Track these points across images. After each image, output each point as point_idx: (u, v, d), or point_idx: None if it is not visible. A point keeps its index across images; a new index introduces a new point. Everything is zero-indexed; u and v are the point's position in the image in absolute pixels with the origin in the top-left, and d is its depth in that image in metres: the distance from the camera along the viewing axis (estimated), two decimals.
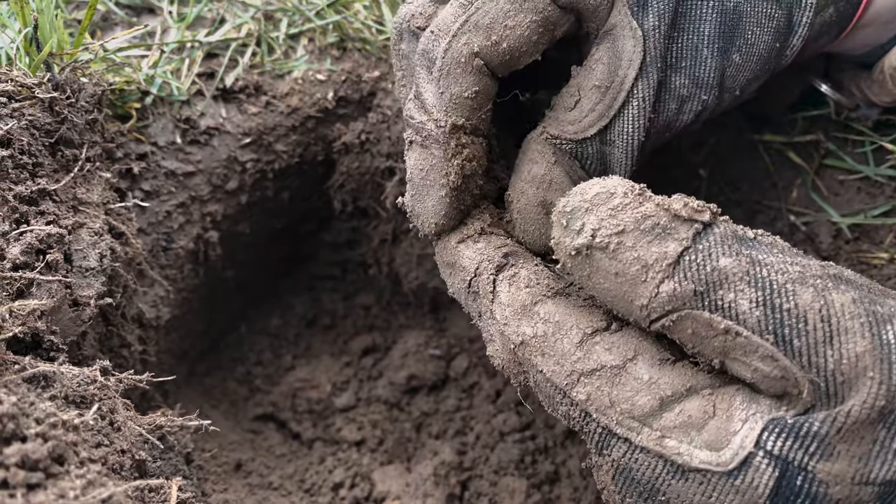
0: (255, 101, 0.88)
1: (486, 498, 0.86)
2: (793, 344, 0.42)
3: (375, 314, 1.07)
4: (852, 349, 0.41)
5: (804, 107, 0.79)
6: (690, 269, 0.44)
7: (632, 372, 0.48)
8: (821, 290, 0.42)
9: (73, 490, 0.41)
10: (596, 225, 0.46)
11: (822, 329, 0.42)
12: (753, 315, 0.43)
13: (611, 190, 0.47)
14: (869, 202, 0.78)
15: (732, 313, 0.43)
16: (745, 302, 0.43)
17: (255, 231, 0.96)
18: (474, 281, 0.56)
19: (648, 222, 0.45)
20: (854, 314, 0.42)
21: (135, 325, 0.77)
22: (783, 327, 0.42)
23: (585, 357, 0.49)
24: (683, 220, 0.44)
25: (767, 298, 0.42)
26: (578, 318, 0.50)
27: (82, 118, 0.71)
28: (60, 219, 0.64)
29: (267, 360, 1.03)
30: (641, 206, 0.46)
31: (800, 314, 0.42)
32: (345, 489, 0.87)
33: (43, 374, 0.50)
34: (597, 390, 0.48)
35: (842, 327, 0.42)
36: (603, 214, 0.46)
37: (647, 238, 0.45)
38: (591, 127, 0.56)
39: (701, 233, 0.44)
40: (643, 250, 0.45)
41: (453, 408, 0.95)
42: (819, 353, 0.42)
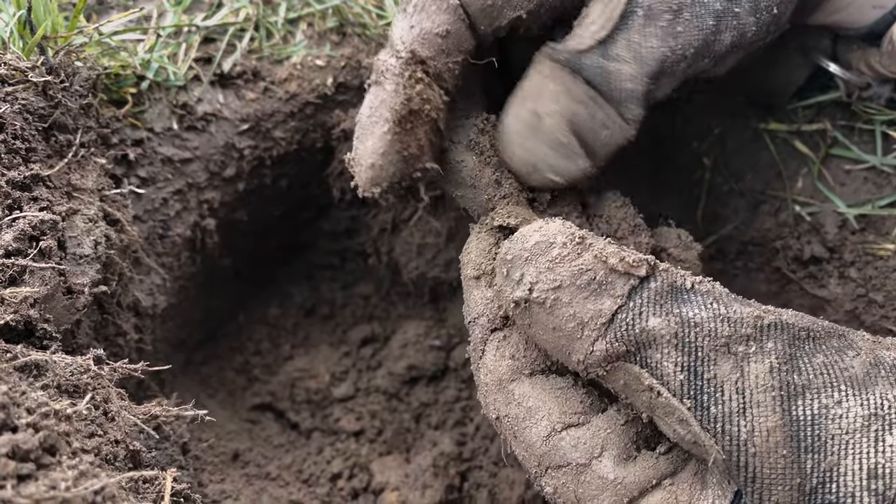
0: (253, 86, 0.86)
1: (485, 489, 0.85)
2: (710, 411, 0.43)
3: (375, 304, 1.06)
4: (763, 423, 0.42)
5: (811, 93, 0.78)
6: (622, 329, 0.45)
7: (597, 470, 0.48)
8: (741, 359, 0.43)
9: (64, 481, 0.40)
10: (534, 278, 0.47)
11: (736, 401, 0.43)
12: (677, 378, 0.44)
13: (550, 239, 0.47)
14: (876, 192, 0.77)
15: (658, 373, 0.44)
16: (669, 364, 0.44)
17: (252, 219, 0.94)
18: (471, 325, 0.56)
19: (585, 277, 0.46)
20: (767, 387, 0.43)
21: (130, 313, 0.76)
22: (702, 394, 0.43)
23: (551, 451, 0.50)
24: (619, 274, 0.45)
25: (691, 364, 0.44)
26: (551, 407, 0.50)
27: (76, 103, 0.70)
28: (54, 205, 0.63)
29: (265, 350, 1.02)
30: (579, 259, 0.46)
31: (717, 384, 0.43)
32: (343, 480, 0.86)
33: (35, 363, 0.49)
34: (562, 486, 0.49)
35: (754, 400, 0.43)
36: (541, 267, 0.47)
37: (584, 294, 0.46)
38: (590, 38, 0.54)
39: (636, 288, 0.45)
40: (579, 307, 0.46)
41: (453, 398, 0.95)
42: (733, 423, 0.43)
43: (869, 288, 0.75)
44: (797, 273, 0.80)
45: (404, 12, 0.54)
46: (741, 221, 0.84)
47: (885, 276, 0.75)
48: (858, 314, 0.76)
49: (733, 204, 0.85)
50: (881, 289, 0.75)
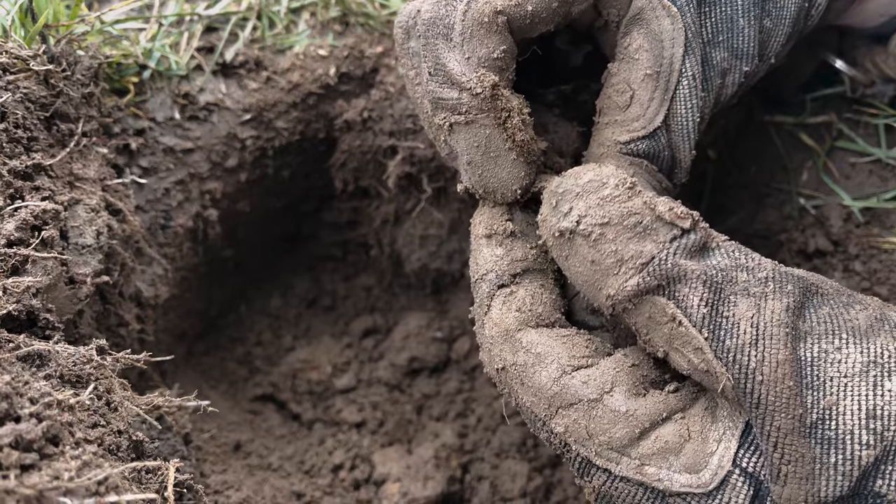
0: (255, 76, 0.86)
1: (487, 481, 0.85)
2: (724, 343, 0.45)
3: (377, 295, 1.05)
4: (774, 355, 0.44)
5: (817, 86, 0.78)
6: (658, 268, 0.46)
7: (608, 404, 0.49)
8: (759, 298, 0.46)
9: (67, 471, 0.40)
10: (583, 211, 0.48)
11: (750, 333, 0.45)
12: (699, 312, 0.46)
13: (603, 179, 0.49)
14: (881, 185, 0.77)
15: (682, 306, 0.46)
16: (695, 298, 0.46)
17: (254, 210, 0.94)
18: (478, 283, 0.57)
19: (632, 219, 0.47)
20: (781, 323, 0.45)
21: (132, 303, 0.76)
22: (720, 329, 0.45)
23: (563, 391, 0.51)
24: (665, 222, 0.47)
25: (713, 301, 0.46)
26: (560, 351, 0.52)
27: (78, 92, 0.70)
28: (56, 194, 0.63)
29: (267, 341, 1.02)
30: (629, 202, 0.48)
31: (734, 320, 0.45)
32: (345, 471, 0.86)
33: (38, 353, 0.49)
34: (574, 423, 0.50)
35: (767, 333, 0.45)
36: (592, 202, 0.48)
37: (628, 234, 0.47)
38: (657, 115, 0.55)
39: (678, 237, 0.47)
40: (622, 245, 0.47)
41: (455, 390, 0.94)
42: (744, 353, 0.45)
43: (873, 281, 0.75)
44: (802, 266, 0.80)
45: (448, 42, 0.54)
46: (746, 214, 0.84)
47: (890, 270, 0.74)
48: None
49: (738, 196, 0.84)
50: (885, 282, 0.74)
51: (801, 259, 0.80)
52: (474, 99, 0.53)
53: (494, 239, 0.57)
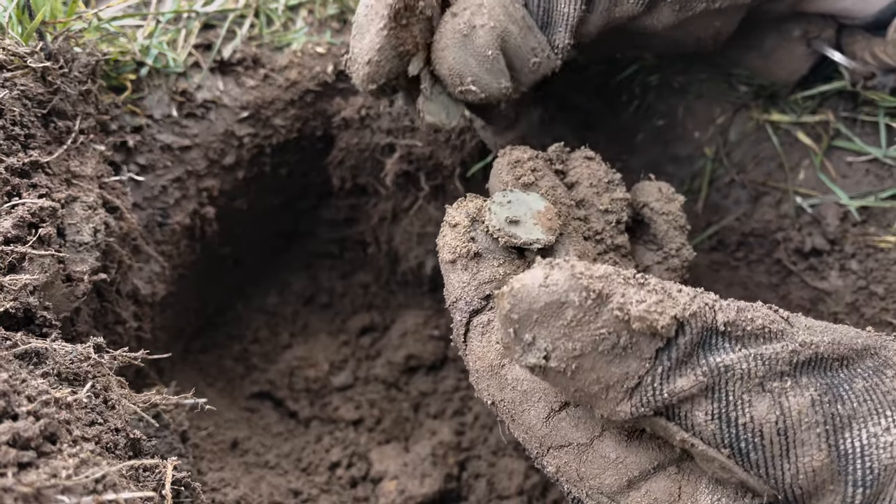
0: (252, 73, 0.86)
1: (484, 478, 0.85)
2: (749, 457, 0.41)
3: (374, 293, 1.05)
4: (809, 463, 0.40)
5: (815, 83, 0.78)
6: (648, 394, 0.41)
7: (598, 450, 0.47)
8: (778, 396, 0.40)
9: (65, 469, 0.40)
10: (550, 345, 0.42)
11: (778, 443, 0.40)
12: (709, 428, 0.41)
13: (561, 299, 0.41)
14: (877, 184, 0.77)
15: (688, 424, 0.42)
16: (700, 414, 0.41)
17: (252, 207, 0.94)
18: (451, 310, 0.55)
19: (607, 342, 0.41)
20: (811, 423, 0.40)
21: (130, 301, 0.75)
22: (739, 441, 0.41)
23: (552, 433, 0.48)
24: (644, 335, 0.41)
25: (723, 412, 0.41)
26: (546, 388, 0.49)
27: (76, 89, 0.70)
28: (53, 192, 0.62)
29: (264, 338, 1.02)
30: (598, 320, 0.41)
31: (755, 428, 0.41)
32: (342, 468, 0.86)
33: (35, 351, 0.49)
34: (565, 465, 0.48)
35: (798, 440, 0.40)
36: (556, 333, 0.41)
37: (607, 358, 0.41)
38: None
39: (662, 349, 0.41)
40: (602, 371, 0.42)
41: (452, 388, 0.95)
42: (776, 467, 0.41)
43: (870, 280, 0.75)
44: (798, 265, 0.80)
45: None
46: (742, 213, 0.84)
47: (886, 269, 0.75)
48: (859, 306, 0.76)
49: (734, 195, 0.84)
50: (882, 281, 0.75)
51: (798, 258, 0.80)
52: None
53: (459, 263, 0.54)
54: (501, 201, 0.55)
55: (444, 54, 0.58)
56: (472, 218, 0.55)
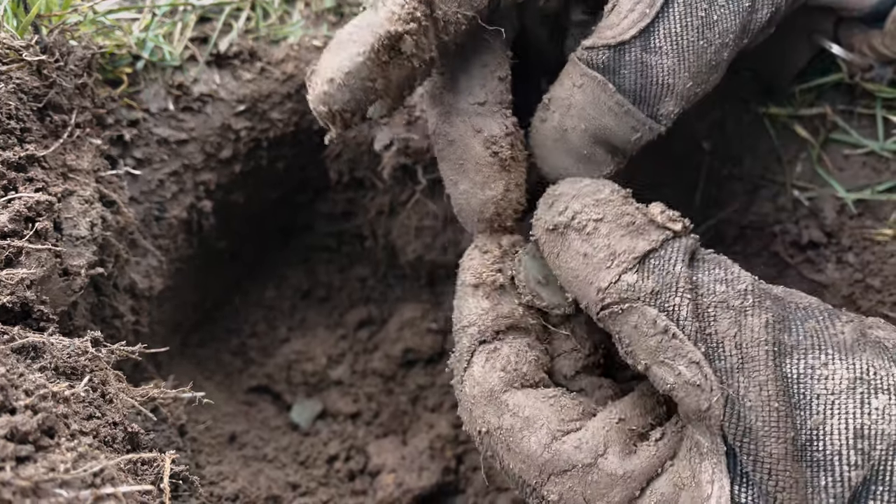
0: (249, 67, 0.85)
1: (481, 471, 0.85)
2: (714, 364, 0.44)
3: (372, 287, 1.05)
4: (757, 377, 0.44)
5: (812, 76, 0.78)
6: (653, 269, 0.46)
7: (603, 468, 0.48)
8: (738, 313, 0.45)
9: (63, 463, 0.40)
10: (578, 209, 0.49)
11: (735, 356, 0.44)
12: (692, 324, 0.45)
13: (600, 186, 0.51)
14: (874, 177, 0.77)
15: (674, 317, 0.45)
16: (685, 310, 0.45)
17: (249, 201, 0.94)
18: (458, 333, 0.55)
19: (626, 218, 0.48)
20: (761, 341, 0.44)
21: (127, 295, 0.75)
22: (708, 346, 0.45)
23: (554, 458, 0.48)
24: (657, 225, 0.48)
25: (701, 314, 0.45)
26: (549, 414, 0.49)
27: (71, 82, 0.69)
28: (49, 186, 0.62)
29: (261, 332, 1.02)
30: (624, 206, 0.49)
31: (718, 339, 0.45)
32: (340, 462, 0.87)
33: (32, 345, 0.49)
34: (569, 490, 0.48)
35: (749, 355, 0.44)
36: (587, 202, 0.49)
37: (621, 231, 0.48)
38: (631, 28, 0.52)
39: (669, 240, 0.47)
40: (614, 239, 0.48)
41: (449, 381, 0.94)
42: (733, 377, 0.44)
43: (866, 273, 0.76)
44: (795, 258, 0.80)
45: None
46: (739, 206, 0.84)
47: (883, 262, 0.75)
48: (855, 299, 0.76)
49: (732, 188, 0.84)
50: (878, 274, 0.75)
51: (795, 251, 0.80)
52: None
53: (482, 290, 0.54)
54: (535, 255, 0.55)
55: (542, 161, 0.59)
56: (505, 251, 0.57)
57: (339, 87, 0.48)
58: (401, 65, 0.50)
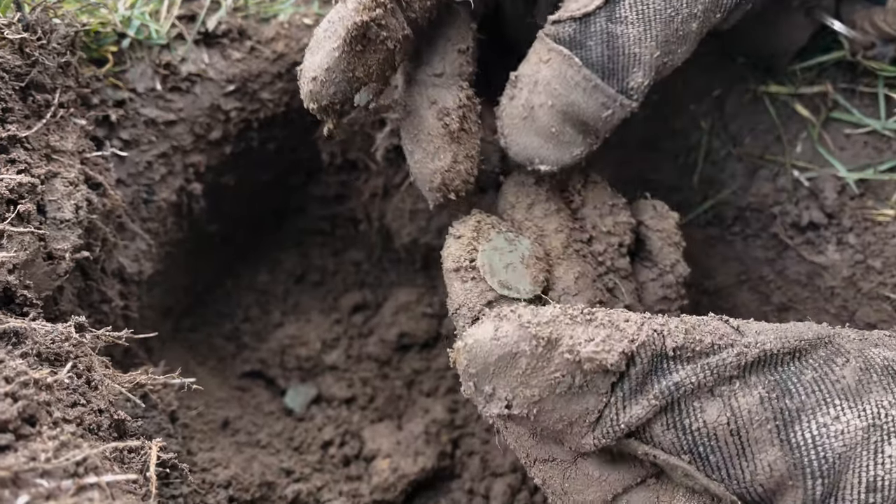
0: (238, 46, 0.84)
1: (477, 456, 0.85)
2: (709, 460, 0.42)
3: (366, 271, 1.04)
4: (764, 459, 0.41)
5: (813, 54, 0.76)
6: (608, 426, 0.43)
7: (581, 468, 0.48)
8: (727, 399, 0.42)
9: (45, 452, 0.39)
10: (509, 395, 0.43)
11: (733, 443, 0.42)
12: (667, 438, 0.43)
13: (513, 350, 0.42)
14: (875, 157, 0.76)
15: (647, 437, 0.43)
16: (657, 427, 0.43)
17: (240, 183, 0.92)
18: (454, 317, 0.56)
19: (563, 384, 0.42)
20: (761, 420, 0.41)
21: (115, 279, 0.74)
22: (697, 446, 0.42)
23: (539, 446, 0.50)
24: (597, 373, 0.42)
25: (677, 421, 0.42)
26: None
27: (54, 61, 0.68)
28: (32, 167, 0.61)
29: (254, 317, 1.01)
30: (551, 365, 0.42)
31: (710, 432, 0.42)
32: (334, 447, 0.86)
33: (14, 331, 0.48)
34: (550, 478, 0.50)
35: (751, 438, 0.42)
36: (514, 382, 0.43)
37: (566, 398, 0.43)
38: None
39: (617, 381, 0.42)
40: (564, 410, 0.43)
41: (445, 366, 0.94)
42: (735, 467, 0.42)
43: (867, 254, 0.74)
44: (795, 239, 0.79)
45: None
46: (739, 187, 0.82)
47: (884, 242, 0.74)
48: (856, 281, 0.75)
49: (731, 169, 0.83)
50: (879, 255, 0.74)
51: (795, 232, 0.79)
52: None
53: (461, 273, 0.56)
54: (496, 246, 0.58)
55: (509, 140, 0.57)
56: (476, 231, 0.58)
57: (323, 84, 0.51)
58: (376, 49, 0.52)
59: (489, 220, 0.60)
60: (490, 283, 0.56)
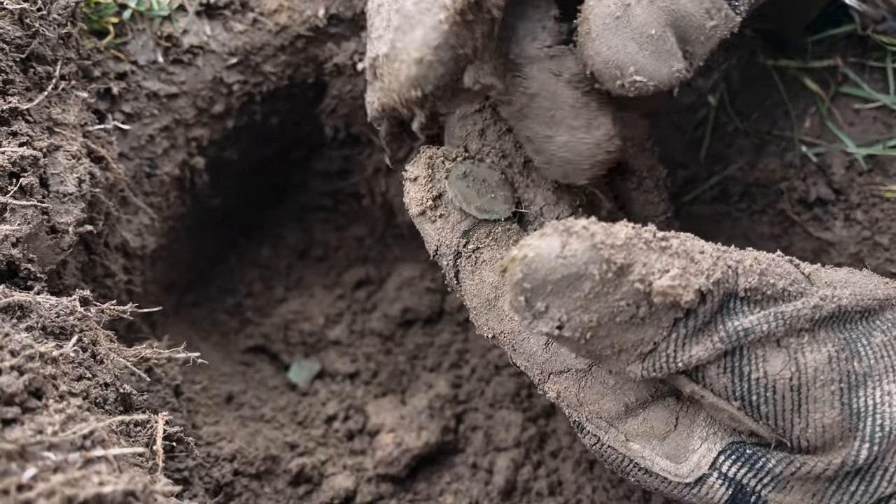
0: (241, 17, 0.82)
1: (481, 431, 0.85)
2: (760, 410, 0.41)
3: (369, 246, 1.04)
4: (820, 419, 0.40)
5: (823, 27, 0.75)
6: (662, 360, 0.41)
7: (597, 376, 0.48)
8: (794, 352, 0.40)
9: (51, 425, 0.39)
10: (564, 316, 0.40)
11: (790, 399, 0.40)
12: (720, 381, 0.41)
13: (580, 271, 0.38)
14: (885, 132, 0.75)
15: (699, 377, 0.41)
16: (712, 370, 0.41)
17: (242, 158, 0.92)
18: (436, 256, 0.55)
19: (626, 314, 0.39)
20: (826, 381, 0.40)
21: (119, 254, 0.74)
22: (751, 394, 0.41)
23: (553, 359, 0.49)
24: (665, 306, 0.39)
25: (736, 366, 0.40)
26: None
27: (55, 32, 0.67)
28: (34, 140, 0.60)
29: (258, 292, 1.01)
30: (618, 292, 0.39)
31: (768, 383, 0.40)
32: (338, 422, 0.86)
33: (18, 304, 0.48)
34: (565, 390, 0.49)
35: (811, 396, 0.40)
36: (572, 304, 0.39)
37: (623, 327, 0.40)
38: None
39: (680, 321, 0.40)
40: (618, 337, 0.40)
41: (448, 341, 0.94)
42: (786, 419, 0.41)
43: (875, 230, 0.74)
44: (802, 215, 0.79)
45: None
46: (746, 162, 0.82)
47: (892, 219, 0.73)
48: (863, 257, 0.75)
49: (738, 144, 0.82)
50: (887, 231, 0.73)
51: (802, 208, 0.78)
52: None
53: (428, 214, 0.55)
54: (459, 174, 0.56)
55: (598, 44, 0.47)
56: (431, 168, 0.56)
57: (431, 65, 0.43)
58: (483, 20, 0.45)
59: (439, 153, 0.58)
60: (468, 210, 0.54)
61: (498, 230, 0.55)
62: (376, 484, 0.80)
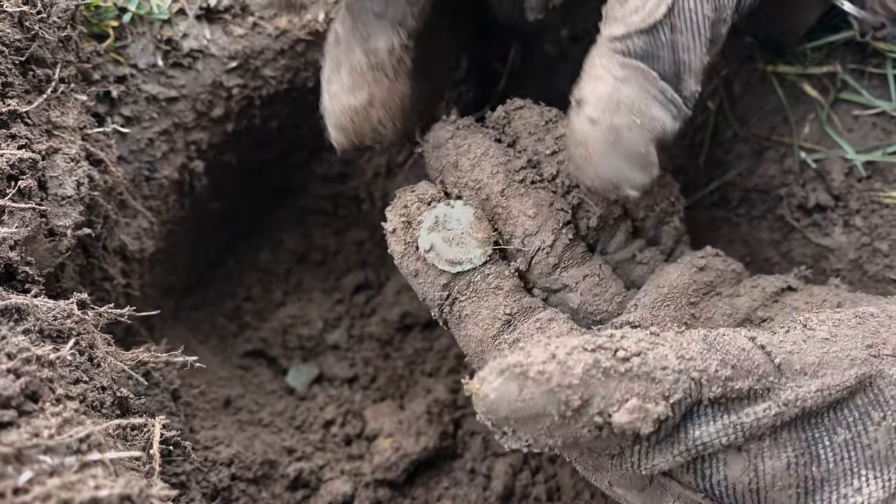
0: (241, 21, 0.82)
1: (479, 436, 0.85)
2: (724, 502, 0.42)
3: (368, 250, 1.04)
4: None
5: (822, 34, 0.75)
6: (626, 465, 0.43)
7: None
8: (754, 457, 0.41)
9: (48, 429, 0.38)
10: (531, 439, 0.41)
11: (750, 499, 0.41)
12: (685, 477, 0.42)
13: (539, 413, 0.40)
14: (884, 139, 0.75)
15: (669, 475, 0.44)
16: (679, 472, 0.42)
17: (242, 162, 0.92)
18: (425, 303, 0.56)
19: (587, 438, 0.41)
20: (784, 486, 0.41)
21: (117, 257, 0.74)
22: (713, 490, 0.42)
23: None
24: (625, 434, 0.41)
25: (698, 467, 0.42)
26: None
27: (55, 35, 0.67)
28: (33, 143, 0.60)
29: (256, 296, 1.01)
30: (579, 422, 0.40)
31: (729, 485, 0.41)
32: (336, 426, 0.86)
33: (15, 307, 0.47)
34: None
35: (770, 498, 0.41)
36: (536, 433, 0.41)
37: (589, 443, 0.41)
38: (659, 7, 0.48)
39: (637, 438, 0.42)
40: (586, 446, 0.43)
41: (447, 346, 0.94)
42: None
43: (874, 237, 0.74)
44: (801, 221, 0.79)
45: None
46: (745, 168, 0.82)
47: (891, 225, 0.73)
48: (862, 263, 0.75)
49: (737, 149, 0.82)
50: (886, 237, 0.73)
51: (801, 214, 0.78)
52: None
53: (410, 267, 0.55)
54: (431, 224, 0.55)
55: (598, 167, 0.51)
56: (407, 217, 0.55)
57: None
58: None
59: (414, 198, 0.57)
60: (440, 266, 0.54)
61: (477, 279, 0.54)
62: (374, 489, 0.80)
